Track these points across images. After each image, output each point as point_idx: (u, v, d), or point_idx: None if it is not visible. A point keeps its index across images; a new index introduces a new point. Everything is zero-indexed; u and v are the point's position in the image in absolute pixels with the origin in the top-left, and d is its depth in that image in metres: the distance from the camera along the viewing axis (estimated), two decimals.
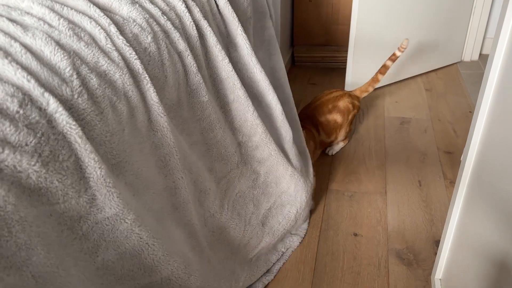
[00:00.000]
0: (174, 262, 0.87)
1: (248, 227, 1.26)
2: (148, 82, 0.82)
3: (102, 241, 0.72)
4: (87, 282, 0.71)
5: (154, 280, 0.86)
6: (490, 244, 0.81)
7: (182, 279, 0.90)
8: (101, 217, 0.70)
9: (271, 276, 1.36)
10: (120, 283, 0.79)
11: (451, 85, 2.53)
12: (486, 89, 0.86)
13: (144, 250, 0.79)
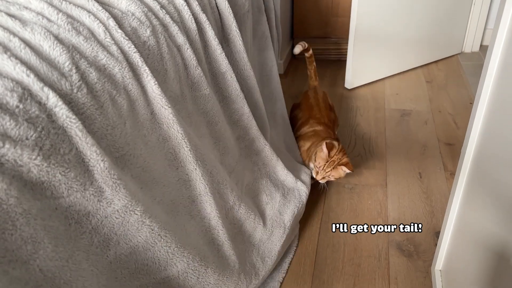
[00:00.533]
0: (189, 254, 0.87)
1: (266, 217, 1.26)
2: (148, 75, 0.82)
3: (113, 235, 0.72)
4: (101, 276, 0.71)
5: (170, 274, 0.86)
6: (490, 234, 0.81)
7: (199, 272, 0.90)
8: (110, 211, 0.70)
9: (283, 273, 1.35)
10: (135, 278, 0.79)
11: (452, 77, 2.53)
12: (485, 80, 0.86)
13: (157, 242, 0.79)
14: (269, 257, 1.23)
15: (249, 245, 1.18)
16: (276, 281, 1.31)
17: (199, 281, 0.91)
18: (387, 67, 2.54)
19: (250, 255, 1.17)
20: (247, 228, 1.17)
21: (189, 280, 0.89)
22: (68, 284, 0.64)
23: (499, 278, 0.73)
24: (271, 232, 1.26)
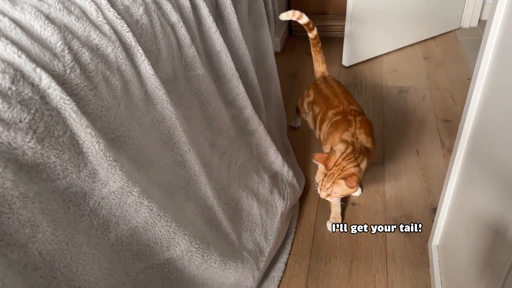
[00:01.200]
0: (190, 232, 0.87)
1: (259, 196, 1.27)
2: (142, 55, 0.81)
3: (111, 216, 0.72)
4: (103, 258, 0.71)
5: (174, 255, 0.86)
6: (486, 210, 0.82)
7: (203, 249, 0.91)
8: (106, 192, 0.70)
9: (287, 255, 1.36)
10: (139, 259, 0.79)
11: (450, 53, 2.51)
12: (484, 56, 0.85)
13: (157, 222, 0.79)
14: (271, 235, 1.24)
15: (249, 224, 1.19)
16: (282, 263, 1.32)
17: (205, 259, 0.92)
18: (384, 43, 2.52)
19: (253, 234, 1.18)
20: (244, 207, 1.18)
21: (195, 259, 0.90)
22: (68, 267, 0.64)
23: (495, 253, 0.74)
24: (266, 210, 1.26)
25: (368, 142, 1.29)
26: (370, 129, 1.33)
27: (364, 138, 1.29)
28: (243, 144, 1.25)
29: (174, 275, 0.88)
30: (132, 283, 0.78)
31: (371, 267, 1.30)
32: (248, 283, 1.10)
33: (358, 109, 1.42)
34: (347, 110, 1.38)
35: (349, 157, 1.21)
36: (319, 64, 1.75)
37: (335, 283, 1.26)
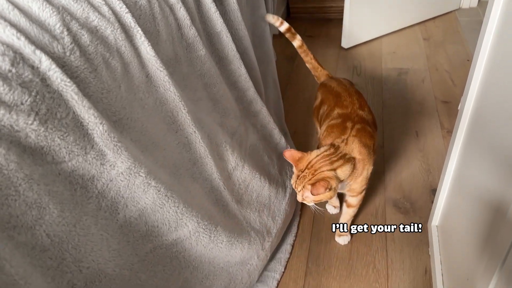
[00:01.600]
0: (197, 213, 0.88)
1: (270, 177, 1.27)
2: (142, 36, 0.80)
3: (120, 198, 0.72)
4: (111, 240, 0.72)
5: (182, 235, 0.87)
6: (486, 189, 0.82)
7: (210, 230, 0.92)
8: (115, 173, 0.70)
9: (293, 237, 1.38)
10: (148, 240, 0.80)
11: (449, 34, 2.49)
12: (484, 37, 0.85)
13: (165, 203, 0.80)
14: (279, 216, 1.25)
15: (258, 205, 1.19)
16: (288, 244, 1.33)
17: (212, 240, 0.93)
18: (384, 25, 2.50)
19: (261, 215, 1.19)
20: (255, 188, 1.18)
21: (202, 239, 0.91)
22: (77, 248, 0.64)
23: (495, 232, 0.75)
24: (276, 191, 1.27)
25: (359, 153, 1.11)
26: (366, 141, 1.14)
27: (356, 148, 1.11)
28: (250, 126, 1.25)
29: (182, 254, 0.89)
30: (141, 263, 0.79)
31: (371, 248, 1.32)
32: (253, 262, 1.11)
33: (369, 116, 1.25)
34: (352, 115, 1.21)
35: (324, 159, 1.06)
36: (320, 69, 1.56)
37: (335, 264, 1.28)
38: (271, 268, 1.25)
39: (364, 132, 1.16)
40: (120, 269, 0.73)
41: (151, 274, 0.82)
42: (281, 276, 1.25)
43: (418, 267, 1.24)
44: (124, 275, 0.74)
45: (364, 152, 1.13)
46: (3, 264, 0.52)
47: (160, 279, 0.84)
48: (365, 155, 1.13)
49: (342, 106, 1.25)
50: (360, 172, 1.13)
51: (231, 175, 1.09)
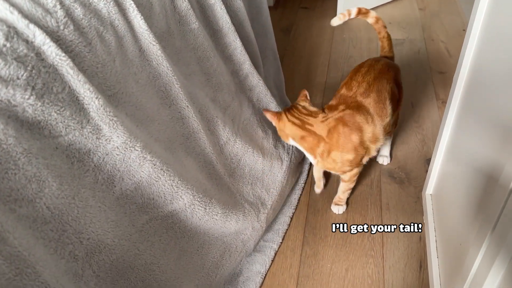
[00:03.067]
0: (192, 186, 0.89)
1: (264, 150, 1.28)
2: (135, 9, 0.80)
3: (116, 171, 0.74)
4: (109, 211, 0.73)
5: (177, 207, 0.89)
6: (479, 156, 0.84)
7: (205, 202, 0.94)
8: (110, 147, 0.71)
9: (293, 209, 1.38)
10: (144, 212, 0.82)
11: (445, 4, 2.46)
12: (479, 6, 0.85)
13: (161, 176, 0.81)
14: (274, 188, 1.27)
15: (251, 178, 1.21)
16: (287, 216, 1.35)
17: (207, 212, 0.95)
18: None
19: (254, 188, 1.20)
20: (247, 162, 1.19)
21: (197, 211, 0.92)
22: (76, 220, 0.66)
23: (487, 197, 0.77)
24: (271, 164, 1.28)
25: (328, 137, 1.15)
26: (345, 130, 1.15)
27: (326, 131, 1.15)
28: (245, 100, 1.25)
29: (177, 225, 0.91)
30: (138, 234, 0.81)
31: (366, 217, 1.34)
32: (248, 232, 1.13)
33: (371, 104, 1.19)
34: (350, 99, 1.20)
35: (297, 112, 1.17)
36: (386, 50, 1.50)
37: (331, 233, 1.30)
38: (269, 239, 1.28)
39: (348, 120, 1.15)
40: (118, 239, 0.75)
41: (149, 244, 0.84)
42: (278, 246, 1.27)
43: (412, 234, 1.27)
44: (123, 245, 0.76)
45: (336, 139, 1.15)
46: (7, 236, 0.54)
47: (158, 249, 0.87)
48: (336, 141, 1.15)
49: (348, 88, 1.23)
50: (328, 155, 1.17)
51: (222, 150, 1.10)
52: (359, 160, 1.21)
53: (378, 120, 1.19)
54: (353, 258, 1.23)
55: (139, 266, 0.82)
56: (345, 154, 1.17)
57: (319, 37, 2.29)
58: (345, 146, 1.16)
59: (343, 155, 1.17)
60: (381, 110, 1.20)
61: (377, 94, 1.20)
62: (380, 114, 1.20)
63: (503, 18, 0.75)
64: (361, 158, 1.21)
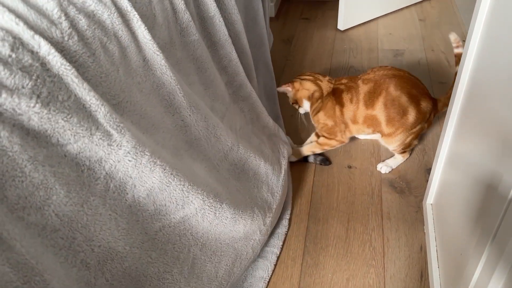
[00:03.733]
0: (202, 191, 0.90)
1: (263, 155, 1.29)
2: (138, 20, 0.81)
3: (128, 178, 0.74)
4: (120, 219, 0.74)
5: (188, 212, 0.89)
6: (479, 166, 0.84)
7: (215, 207, 0.94)
8: (122, 154, 0.71)
9: (289, 212, 1.41)
10: (156, 219, 0.82)
11: (445, 14, 2.49)
12: (478, 17, 0.86)
13: (171, 181, 0.81)
14: (277, 191, 1.28)
15: (256, 182, 1.22)
16: (285, 219, 1.37)
17: (217, 216, 0.95)
18: (380, 6, 2.49)
19: (260, 191, 1.21)
20: (251, 166, 1.20)
21: (207, 216, 0.93)
22: (86, 228, 0.66)
23: (487, 207, 0.77)
24: (272, 168, 1.29)
25: (325, 96, 1.48)
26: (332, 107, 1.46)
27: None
28: (238, 110, 1.27)
29: (189, 231, 0.92)
30: (151, 242, 0.81)
31: (367, 227, 1.34)
32: (256, 237, 1.14)
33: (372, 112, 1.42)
34: (353, 89, 1.44)
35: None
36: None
37: (332, 242, 1.31)
38: (271, 244, 1.28)
39: (341, 92, 1.45)
40: (130, 247, 0.76)
41: (162, 252, 0.84)
42: (280, 251, 1.28)
43: (413, 244, 1.27)
44: (134, 253, 0.77)
45: (327, 101, 1.47)
46: (14, 244, 0.54)
47: (171, 257, 0.87)
48: (325, 103, 1.46)
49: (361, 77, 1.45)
50: (316, 113, 1.48)
51: (227, 156, 1.11)
52: (336, 132, 1.48)
53: (362, 107, 1.41)
54: (354, 268, 1.23)
55: (153, 274, 0.82)
56: (326, 119, 1.46)
57: (319, 48, 2.30)
58: (329, 111, 1.45)
59: (325, 119, 1.47)
60: (370, 102, 1.41)
61: (386, 94, 1.38)
62: (369, 104, 1.40)
63: (503, 29, 0.76)
64: (337, 132, 1.48)
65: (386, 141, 1.47)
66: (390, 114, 1.39)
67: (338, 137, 1.49)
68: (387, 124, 1.41)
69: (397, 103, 1.37)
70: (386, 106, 1.38)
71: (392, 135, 1.43)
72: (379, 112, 1.39)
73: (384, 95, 1.37)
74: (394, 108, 1.37)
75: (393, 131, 1.42)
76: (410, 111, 1.38)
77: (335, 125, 1.46)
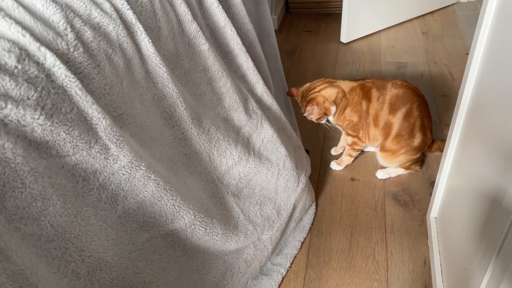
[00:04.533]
0: (194, 206, 0.90)
1: (282, 171, 1.27)
2: (142, 33, 0.82)
3: (120, 190, 0.74)
4: (110, 230, 0.74)
5: (178, 227, 0.89)
6: (483, 180, 0.84)
7: (206, 223, 0.94)
8: (117, 167, 0.72)
9: (305, 233, 1.38)
10: (144, 230, 0.82)
11: (448, 27, 2.50)
12: (481, 30, 0.86)
13: (163, 196, 0.81)
14: (285, 210, 1.26)
15: (261, 198, 1.20)
16: (298, 241, 1.34)
17: (207, 232, 0.94)
18: (383, 19, 2.51)
19: (263, 208, 1.19)
20: (259, 181, 1.18)
21: (197, 231, 0.92)
22: (78, 238, 0.66)
23: (491, 221, 0.77)
24: (286, 185, 1.27)
25: (349, 93, 1.46)
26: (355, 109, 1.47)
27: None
28: (265, 119, 1.24)
29: (177, 244, 0.91)
30: (138, 252, 0.81)
31: (370, 240, 1.33)
32: (250, 251, 1.13)
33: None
34: (369, 92, 1.46)
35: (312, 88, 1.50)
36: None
37: (335, 256, 1.29)
38: (278, 263, 1.27)
39: (365, 88, 1.46)
40: (118, 257, 0.75)
41: (148, 262, 0.84)
42: (286, 271, 1.26)
43: (417, 258, 1.26)
44: (122, 263, 0.77)
45: (353, 96, 1.46)
46: (10, 254, 0.54)
47: (157, 267, 0.87)
48: (352, 99, 1.46)
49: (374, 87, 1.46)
50: (343, 111, 1.47)
51: (230, 169, 1.10)
52: (359, 129, 1.47)
53: (386, 109, 1.42)
54: (358, 282, 1.22)
55: (138, 284, 0.82)
56: (353, 114, 1.45)
57: (322, 60, 2.32)
58: (356, 106, 1.44)
59: (351, 115, 1.45)
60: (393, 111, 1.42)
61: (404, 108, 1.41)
62: (393, 111, 1.41)
63: (506, 42, 0.76)
64: (360, 129, 1.47)
65: (385, 157, 1.50)
66: (403, 128, 1.41)
67: (360, 134, 1.49)
68: (394, 137, 1.42)
69: (413, 122, 1.41)
70: (405, 118, 1.40)
71: (395, 153, 1.45)
72: (396, 120, 1.41)
73: (409, 107, 1.40)
74: (408, 124, 1.41)
75: (397, 148, 1.44)
76: (417, 136, 1.43)
77: (359, 121, 1.46)
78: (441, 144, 1.51)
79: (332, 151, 1.70)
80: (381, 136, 1.46)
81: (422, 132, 1.43)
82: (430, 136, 1.48)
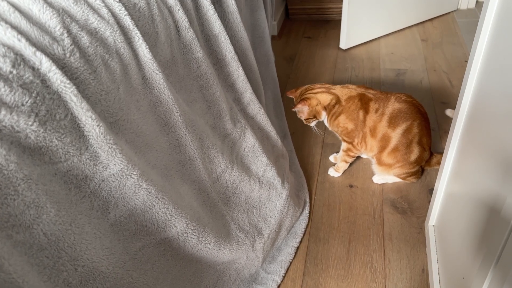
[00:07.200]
0: (186, 214, 0.89)
1: (263, 179, 1.27)
2: (140, 39, 0.81)
3: (111, 198, 0.73)
4: (104, 238, 0.73)
5: (170, 235, 0.88)
6: (482, 188, 0.83)
7: (199, 231, 0.93)
8: (106, 174, 0.71)
9: (299, 239, 1.37)
10: (137, 239, 0.81)
11: (447, 35, 2.50)
12: (480, 38, 0.86)
13: (155, 204, 0.81)
14: (271, 217, 1.25)
15: (247, 206, 1.20)
16: (291, 247, 1.33)
17: (200, 241, 0.94)
18: (382, 25, 2.51)
19: (250, 216, 1.19)
20: (244, 190, 1.19)
21: (190, 240, 0.92)
22: (72, 247, 0.65)
23: (490, 230, 0.76)
24: (268, 193, 1.27)
25: (345, 101, 1.47)
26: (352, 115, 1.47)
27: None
28: (247, 128, 1.25)
29: (169, 253, 0.91)
30: (132, 261, 0.80)
31: (368, 247, 1.32)
32: (242, 261, 1.12)
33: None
34: (364, 101, 1.46)
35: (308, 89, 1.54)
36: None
37: (333, 263, 1.29)
38: (272, 271, 1.26)
39: (364, 98, 1.46)
40: (113, 267, 0.74)
41: (142, 272, 0.83)
42: (281, 279, 1.25)
43: (415, 266, 1.25)
44: (116, 273, 0.75)
45: (349, 105, 1.46)
46: (2, 263, 0.53)
47: (150, 277, 0.86)
48: (348, 107, 1.46)
49: (374, 99, 1.45)
50: (336, 117, 1.48)
51: (219, 177, 1.10)
52: (354, 136, 1.47)
53: (385, 122, 1.41)
54: None
55: None
56: (348, 122, 1.46)
57: (322, 66, 2.32)
58: (351, 114, 1.45)
59: (346, 122, 1.46)
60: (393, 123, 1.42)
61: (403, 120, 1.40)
62: (394, 125, 1.41)
63: (505, 49, 0.76)
64: (355, 137, 1.47)
65: (381, 170, 1.51)
66: (401, 143, 1.41)
67: (354, 141, 1.49)
68: (390, 151, 1.42)
69: (411, 138, 1.40)
70: (404, 134, 1.40)
71: (391, 166, 1.46)
72: (395, 135, 1.40)
73: (409, 124, 1.39)
74: (406, 140, 1.40)
75: (393, 163, 1.45)
76: (415, 151, 1.43)
77: (355, 128, 1.46)
78: (440, 157, 1.50)
79: (331, 158, 1.69)
80: (377, 148, 1.45)
81: (420, 148, 1.43)
82: (427, 154, 1.48)
